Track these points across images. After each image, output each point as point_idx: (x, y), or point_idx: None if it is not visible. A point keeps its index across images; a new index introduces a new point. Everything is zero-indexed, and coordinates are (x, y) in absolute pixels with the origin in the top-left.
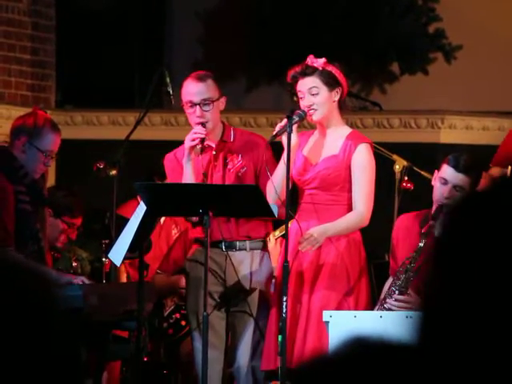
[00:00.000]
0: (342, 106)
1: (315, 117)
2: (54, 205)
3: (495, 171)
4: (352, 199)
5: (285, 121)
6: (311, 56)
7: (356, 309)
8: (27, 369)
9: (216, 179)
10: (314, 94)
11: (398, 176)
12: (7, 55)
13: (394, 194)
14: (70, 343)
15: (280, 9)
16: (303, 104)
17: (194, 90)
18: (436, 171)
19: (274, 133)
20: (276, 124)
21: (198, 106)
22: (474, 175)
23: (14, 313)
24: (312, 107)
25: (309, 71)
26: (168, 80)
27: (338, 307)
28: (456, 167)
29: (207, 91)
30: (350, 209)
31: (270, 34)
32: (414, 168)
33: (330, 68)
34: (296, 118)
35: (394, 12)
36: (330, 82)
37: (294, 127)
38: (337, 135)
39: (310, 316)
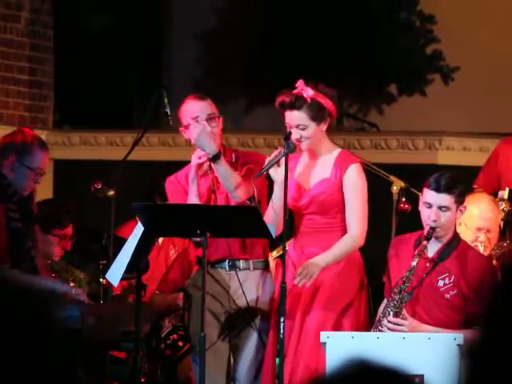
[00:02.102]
0: (330, 129)
1: (304, 147)
2: (41, 221)
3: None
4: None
5: (274, 154)
6: (301, 82)
7: (354, 329)
8: None
9: (220, 201)
10: (302, 128)
11: (395, 197)
12: (5, 76)
13: (392, 215)
14: (67, 363)
15: (278, 31)
16: (292, 135)
17: (197, 107)
18: (421, 195)
19: (264, 168)
20: (273, 145)
21: (205, 123)
22: (457, 192)
23: (12, 332)
24: (300, 140)
25: (297, 105)
26: (166, 101)
27: (335, 328)
28: (437, 189)
29: (211, 107)
30: (345, 231)
31: (267, 55)
32: (412, 189)
33: (320, 98)
34: (287, 151)
35: (391, 33)
36: (318, 115)
37: (283, 160)
38: (327, 159)
39: (307, 337)
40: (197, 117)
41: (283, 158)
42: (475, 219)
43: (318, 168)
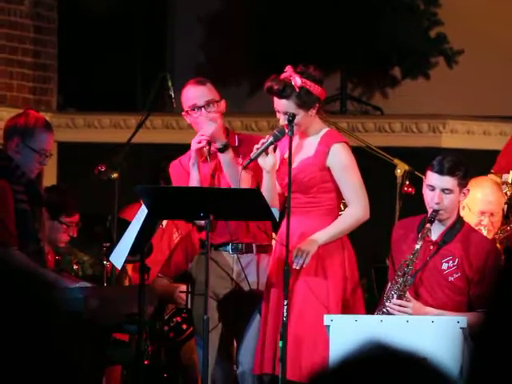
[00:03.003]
0: (320, 112)
1: (293, 132)
2: (49, 207)
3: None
4: (336, 199)
5: (261, 141)
6: (290, 69)
7: (352, 309)
8: (28, 371)
9: (223, 184)
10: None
11: (399, 180)
12: (9, 58)
13: (396, 198)
14: (72, 345)
15: (282, 13)
16: (280, 121)
17: (195, 93)
18: (424, 178)
19: (250, 157)
20: (277, 127)
21: (202, 109)
22: (460, 175)
23: (15, 315)
24: (288, 125)
25: (285, 94)
26: (170, 84)
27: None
28: (440, 172)
29: (209, 93)
30: (329, 211)
31: (271, 37)
32: (416, 172)
33: (308, 86)
34: (278, 135)
35: (395, 16)
36: (306, 102)
37: (271, 148)
38: (313, 137)
39: (304, 319)
40: (195, 104)
41: (271, 146)
42: (478, 203)
43: (303, 148)
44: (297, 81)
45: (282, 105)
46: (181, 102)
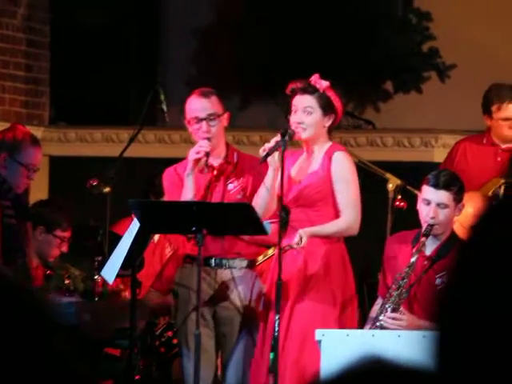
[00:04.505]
0: (330, 132)
1: (303, 135)
2: (45, 221)
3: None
4: (336, 212)
5: (274, 140)
6: (317, 75)
7: (343, 324)
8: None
9: (215, 199)
10: (308, 112)
11: (391, 195)
12: (1, 72)
13: (388, 212)
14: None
15: (274, 27)
16: (293, 119)
17: (199, 105)
18: (419, 194)
19: (265, 152)
20: (269, 142)
21: (204, 122)
22: (456, 189)
23: (8, 327)
24: (301, 125)
25: (309, 90)
26: (162, 97)
27: (324, 324)
28: (436, 186)
29: (212, 107)
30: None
31: (264, 51)
32: (408, 187)
33: (331, 93)
34: (286, 137)
35: (388, 30)
36: (327, 106)
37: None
38: (318, 152)
39: (296, 333)
40: (197, 116)
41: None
42: (471, 218)
43: (310, 162)
44: (322, 84)
45: (303, 99)
46: (184, 112)
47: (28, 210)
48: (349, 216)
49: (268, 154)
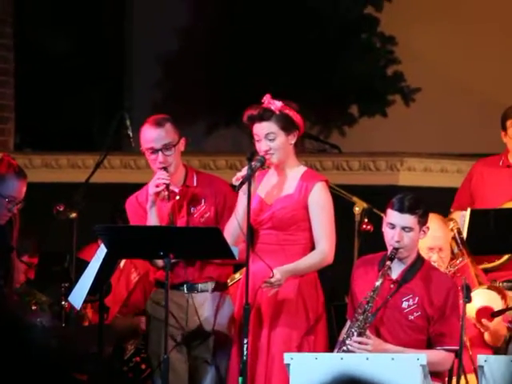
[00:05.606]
0: (298, 146)
1: (274, 160)
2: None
3: (456, 215)
4: (310, 238)
5: (246, 168)
6: (268, 96)
7: (315, 348)
8: None
9: (180, 224)
10: (271, 139)
11: (357, 218)
12: None
13: (354, 235)
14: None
15: (239, 53)
16: (260, 148)
17: (153, 136)
18: (384, 216)
19: (239, 181)
20: (235, 166)
21: (160, 152)
22: (420, 213)
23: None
24: (269, 152)
25: (266, 116)
26: (128, 123)
27: (299, 347)
28: (400, 210)
29: (166, 136)
30: (306, 248)
31: (228, 76)
32: (374, 210)
33: (287, 111)
34: (258, 164)
35: (352, 54)
36: (287, 126)
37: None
38: (292, 175)
39: (274, 359)
40: (152, 147)
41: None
42: (426, 239)
43: (281, 184)
44: (276, 104)
45: (263, 127)
46: (139, 140)
47: (9, 242)
48: (324, 246)
49: (243, 183)
